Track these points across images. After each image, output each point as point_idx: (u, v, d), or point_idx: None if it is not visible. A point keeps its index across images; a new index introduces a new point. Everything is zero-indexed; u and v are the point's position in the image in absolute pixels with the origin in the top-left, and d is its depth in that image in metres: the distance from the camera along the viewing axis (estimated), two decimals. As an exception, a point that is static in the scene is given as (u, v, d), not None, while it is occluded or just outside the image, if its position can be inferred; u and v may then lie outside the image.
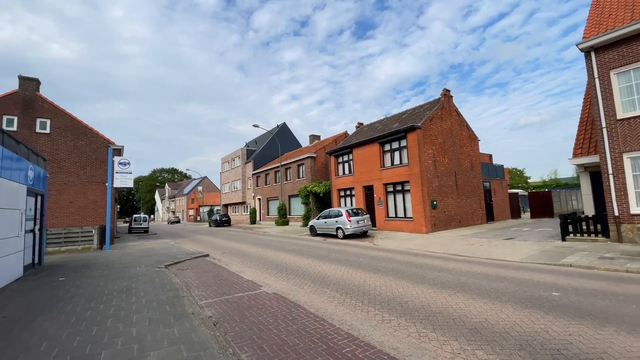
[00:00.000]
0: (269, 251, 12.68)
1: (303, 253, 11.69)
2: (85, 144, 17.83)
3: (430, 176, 16.57)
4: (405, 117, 19.62)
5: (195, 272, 8.86)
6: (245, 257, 11.59)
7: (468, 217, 18.74)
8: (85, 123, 18.03)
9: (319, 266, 8.99)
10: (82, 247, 14.55)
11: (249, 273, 8.54)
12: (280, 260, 10.39)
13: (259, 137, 45.83)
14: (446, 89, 18.88)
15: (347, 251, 11.78)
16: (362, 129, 23.95)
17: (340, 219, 15.92)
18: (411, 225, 16.53)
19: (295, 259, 10.48)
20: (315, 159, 26.26)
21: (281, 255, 11.46)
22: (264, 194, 33.87)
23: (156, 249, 14.70)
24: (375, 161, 18.84)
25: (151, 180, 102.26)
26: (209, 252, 13.03)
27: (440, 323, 4.44)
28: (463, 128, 19.96)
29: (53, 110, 17.35)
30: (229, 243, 16.71)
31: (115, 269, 9.16)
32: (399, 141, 17.56)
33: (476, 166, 20.40)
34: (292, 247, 13.45)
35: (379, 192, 18.56)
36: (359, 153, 20.19)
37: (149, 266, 9.64)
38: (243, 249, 13.96)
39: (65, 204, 16.90)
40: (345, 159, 21.94)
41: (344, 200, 21.90)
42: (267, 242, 15.94)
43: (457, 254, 10.37)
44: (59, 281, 7.57)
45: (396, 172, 17.44)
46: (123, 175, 15.75)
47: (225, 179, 44.11)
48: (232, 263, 10.42)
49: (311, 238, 17.22)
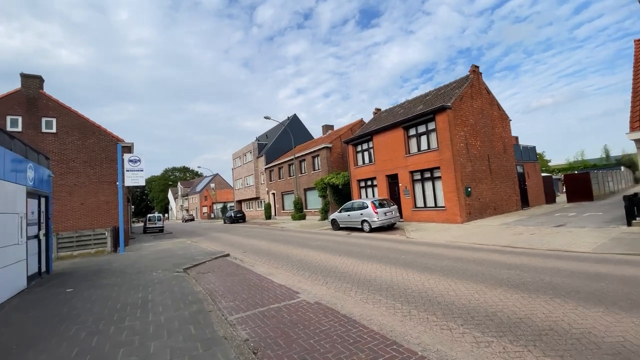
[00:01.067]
0: (293, 249, 11.60)
1: (332, 250, 10.56)
2: (94, 143, 17.01)
3: (463, 161, 15.16)
4: (430, 98, 18.14)
5: (218, 276, 7.83)
6: (269, 256, 10.54)
7: (503, 204, 17.28)
8: (92, 121, 17.20)
9: (356, 265, 7.85)
10: (95, 250, 13.78)
11: (280, 276, 7.46)
12: (310, 259, 9.29)
13: (270, 131, 44.74)
14: (475, 65, 17.29)
15: (381, 246, 10.60)
16: (381, 114, 22.53)
17: (365, 212, 14.72)
18: (443, 215, 15.20)
19: (327, 257, 9.36)
20: (331, 149, 25.00)
21: (309, 253, 10.36)
22: (278, 188, 32.87)
23: (173, 249, 13.83)
24: (400, 148, 17.48)
25: (163, 179, 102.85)
26: (229, 251, 12.05)
27: (569, 347, 3.22)
28: (494, 107, 18.36)
29: (59, 108, 16.54)
30: (248, 240, 15.74)
31: (129, 275, 8.22)
32: (426, 124, 16.14)
33: (509, 148, 18.82)
34: (318, 244, 12.35)
35: (404, 180, 17.24)
36: (380, 140, 18.85)
37: (166, 270, 8.67)
38: (264, 246, 12.94)
39: (76, 205, 16.18)
40: (364, 147, 20.62)
41: (365, 191, 20.65)
42: (289, 238, 14.89)
43: (510, 245, 9.07)
44: (66, 293, 6.64)
45: (424, 158, 16.07)
46: (134, 174, 14.85)
47: (238, 174, 43.30)
48: (256, 263, 9.38)
49: (334, 232, 16.10)
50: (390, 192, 18.44)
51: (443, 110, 15.03)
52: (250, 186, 39.25)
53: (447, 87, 18.04)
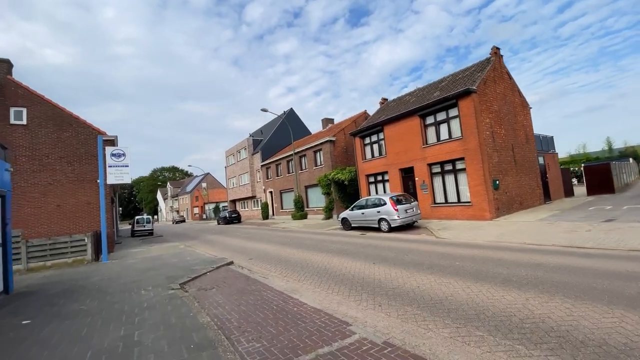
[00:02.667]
0: (309, 253, 9.89)
1: (359, 255, 8.88)
2: (72, 136, 14.93)
3: (489, 151, 13.65)
4: (446, 84, 16.60)
5: (226, 295, 6.07)
6: (282, 263, 8.80)
7: (528, 198, 15.89)
8: (69, 111, 15.10)
9: (404, 277, 6.19)
10: (73, 259, 11.79)
11: (308, 294, 5.74)
12: (336, 268, 7.59)
13: (265, 127, 42.77)
14: (496, 47, 15.80)
15: (416, 250, 8.98)
16: (389, 104, 20.93)
17: (383, 209, 13.09)
18: (469, 211, 13.68)
19: (356, 265, 7.68)
20: (335, 143, 23.30)
21: (331, 259, 8.66)
22: (276, 186, 31.03)
23: (165, 256, 11.96)
24: (415, 138, 15.90)
25: (152, 180, 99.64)
26: (232, 258, 10.27)
27: None
28: (515, 93, 16.94)
29: (29, 96, 14.40)
30: (250, 244, 13.94)
31: (110, 296, 6.39)
32: (447, 111, 14.58)
33: (530, 138, 17.45)
34: (336, 247, 10.66)
35: (421, 174, 15.68)
36: (392, 130, 17.24)
37: (157, 287, 6.87)
38: (272, 251, 11.19)
39: (51, 208, 14.11)
40: (373, 139, 18.99)
41: (375, 187, 19.04)
42: (297, 241, 13.16)
43: (575, 245, 7.55)
44: (18, 329, 4.80)
45: (445, 149, 14.52)
46: (118, 170, 12.87)
47: (232, 173, 41.23)
48: (270, 274, 7.64)
49: (347, 233, 14.44)
50: (404, 187, 16.86)
51: (467, 95, 13.49)
52: (245, 185, 37.28)
53: (465, 71, 16.52)
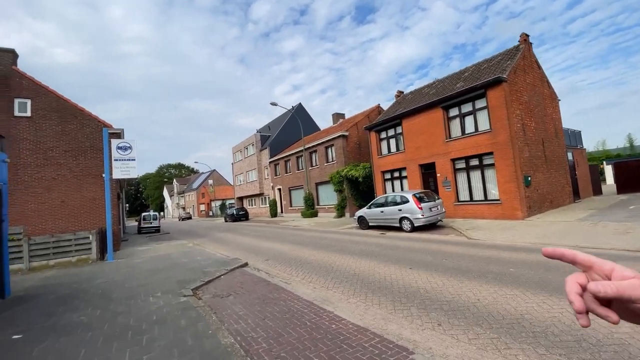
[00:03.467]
0: (329, 255, 9.06)
1: (387, 258, 8.03)
2: (76, 129, 14.27)
3: (520, 144, 12.67)
4: (469, 75, 15.58)
5: (246, 304, 5.28)
6: (303, 266, 7.99)
7: (558, 196, 14.87)
8: (74, 103, 14.43)
9: (453, 287, 5.33)
10: (77, 258, 11.14)
11: (342, 305, 4.91)
12: (368, 273, 6.75)
13: (273, 122, 41.97)
14: (525, 34, 14.74)
15: (451, 252, 8.10)
16: (405, 97, 19.95)
17: (406, 207, 12.20)
18: (497, 210, 12.73)
19: (389, 270, 6.83)
20: (348, 138, 22.40)
21: (358, 263, 7.83)
22: (285, 183, 30.25)
23: (173, 255, 11.24)
24: (437, 131, 14.95)
25: (158, 176, 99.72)
26: (245, 258, 9.49)
27: None
28: (544, 84, 15.87)
29: (34, 87, 13.76)
30: (262, 243, 13.17)
31: (114, 304, 5.63)
32: (474, 102, 13.60)
33: (560, 132, 16.38)
34: (359, 248, 9.82)
35: (444, 170, 14.74)
36: (411, 124, 16.29)
37: (167, 293, 6.10)
38: (288, 251, 10.39)
39: (56, 204, 13.49)
40: (390, 133, 18.06)
41: (391, 184, 18.14)
42: (314, 241, 12.35)
43: (638, 248, 6.62)
44: (7, 344, 4.05)
45: (471, 142, 13.55)
46: (124, 163, 12.17)
47: (239, 169, 40.55)
48: (292, 279, 6.83)
49: (364, 232, 13.59)
50: (425, 184, 15.93)
51: (497, 84, 12.49)
52: (253, 181, 36.57)
53: (490, 61, 15.48)
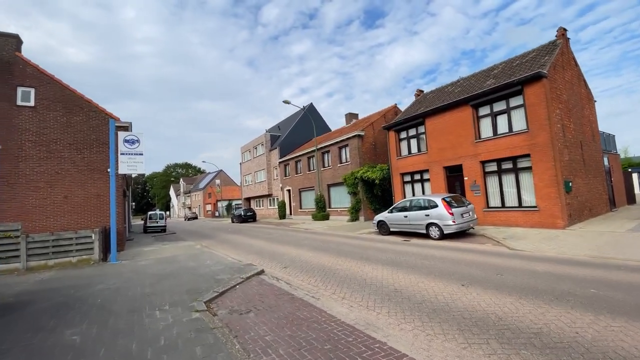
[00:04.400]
0: (356, 264, 8.07)
1: (428, 271, 7.01)
2: (82, 121, 13.53)
3: (560, 147, 11.58)
4: (498, 72, 14.53)
5: (272, 326, 4.31)
6: (329, 277, 7.01)
7: (596, 204, 13.70)
8: (80, 93, 13.70)
9: (532, 313, 4.29)
10: (77, 259, 10.30)
11: (395, 333, 3.91)
12: (413, 290, 5.74)
13: (282, 122, 41.20)
14: (563, 28, 13.67)
15: (499, 266, 7.05)
16: (427, 96, 18.94)
17: (434, 212, 11.16)
18: (534, 218, 11.62)
19: (440, 287, 5.82)
20: (363, 138, 21.42)
21: (395, 276, 6.82)
22: (295, 184, 29.34)
23: (180, 258, 10.34)
24: (465, 132, 13.90)
25: (165, 176, 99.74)
26: (260, 264, 8.55)
27: None
28: (581, 84, 14.75)
29: (38, 76, 13.06)
30: (276, 247, 12.21)
31: (114, 318, 4.71)
32: (508, 100, 12.55)
33: (596, 135, 15.23)
34: (386, 257, 8.81)
35: (472, 173, 13.67)
36: (436, 123, 15.26)
37: (176, 306, 5.17)
38: (307, 258, 9.42)
39: (58, 199, 12.71)
40: (411, 133, 17.04)
41: (411, 187, 17.09)
42: (332, 246, 11.36)
43: None
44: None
45: (505, 144, 12.48)
46: (131, 158, 11.35)
47: (247, 169, 39.79)
48: (321, 293, 5.84)
49: (386, 238, 12.56)
50: (449, 187, 14.87)
51: (537, 80, 11.44)
52: (262, 182, 35.74)
53: (523, 57, 14.40)
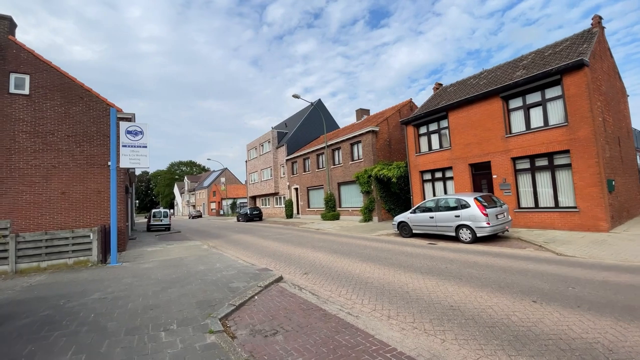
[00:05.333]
0: (388, 271, 7.10)
1: (479, 282, 6.02)
2: (81, 111, 12.63)
3: (602, 142, 10.55)
4: (528, 62, 13.47)
5: (306, 353, 3.34)
6: (360, 286, 6.03)
7: (633, 205, 12.66)
8: (80, 81, 12.80)
9: None
10: (74, 260, 9.39)
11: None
12: (470, 306, 4.76)
13: (289, 119, 40.27)
14: (598, 16, 12.62)
15: (561, 275, 6.05)
16: (447, 89, 17.90)
17: (465, 213, 10.16)
18: (574, 220, 10.58)
19: (507, 304, 4.83)
20: (377, 134, 20.41)
21: (439, 287, 5.83)
22: (303, 182, 28.39)
23: (187, 260, 9.41)
24: (494, 125, 12.88)
25: (169, 173, 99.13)
26: (276, 268, 7.60)
27: None
28: (616, 76, 13.70)
29: (34, 62, 12.17)
30: (290, 249, 11.25)
31: (109, 342, 3.77)
32: (543, 91, 11.51)
33: (630, 132, 14.17)
34: (421, 263, 7.83)
35: (502, 170, 12.65)
36: (460, 117, 14.25)
37: (186, 324, 4.22)
38: (327, 262, 8.45)
39: (55, 195, 11.82)
40: (432, 128, 16.02)
41: (432, 185, 16.08)
42: (352, 249, 10.39)
43: None
44: None
45: (539, 139, 11.45)
46: (134, 151, 10.44)
47: (253, 167, 38.87)
48: (358, 309, 4.87)
49: (409, 242, 11.59)
50: (475, 186, 13.85)
51: (578, 69, 10.40)
52: (268, 180, 34.81)
53: (557, 46, 13.32)
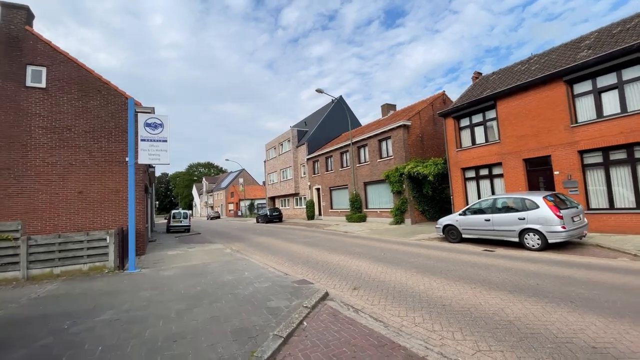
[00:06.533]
0: (463, 288, 5.69)
1: (619, 311, 4.57)
2: (100, 105, 11.84)
3: (703, 129, 8.73)
4: (592, 42, 11.68)
5: None
6: (437, 310, 4.66)
7: None
8: (97, 74, 12.03)
9: None
10: (89, 266, 8.47)
11: None
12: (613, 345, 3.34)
13: (309, 118, 39.17)
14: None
15: None
16: (489, 78, 16.19)
17: (533, 214, 8.59)
18: (666, 223, 8.82)
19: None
20: (409, 129, 18.88)
21: (561, 315, 4.42)
22: (325, 182, 27.13)
23: (212, 267, 8.30)
24: (555, 114, 11.20)
25: (188, 175, 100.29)
26: (315, 279, 6.34)
27: None
28: None
29: (51, 53, 11.47)
30: (324, 255, 9.95)
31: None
32: (619, 72, 9.74)
33: None
34: (502, 278, 6.37)
35: (566, 165, 10.95)
36: (512, 106, 12.60)
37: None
38: (377, 274, 7.11)
39: (71, 195, 11.04)
40: (476, 120, 14.38)
41: (476, 184, 14.44)
42: (401, 257, 9.01)
43: None
44: None
45: (616, 128, 9.70)
46: (153, 145, 9.47)
47: (272, 167, 37.96)
48: (457, 350, 3.54)
49: (461, 248, 10.10)
50: (530, 184, 12.17)
51: (672, 41, 8.65)
52: (288, 180, 33.77)
53: (626, 23, 11.48)
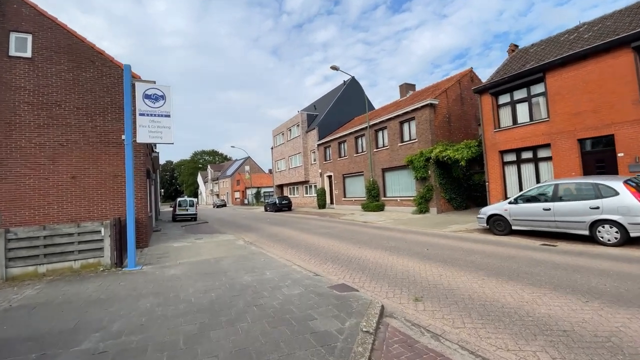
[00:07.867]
0: (555, 298, 4.26)
1: None
2: (93, 78, 10.40)
3: None
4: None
5: None
6: (538, 330, 3.23)
7: None
8: (90, 42, 10.54)
9: None
10: (81, 263, 7.19)
11: None
12: None
13: (319, 101, 37.38)
14: None
15: None
16: (528, 50, 14.37)
17: (609, 202, 7.12)
18: None
19: None
20: (436, 108, 17.18)
21: None
22: (338, 169, 25.65)
23: (226, 265, 6.98)
24: (620, 87, 9.54)
25: (193, 162, 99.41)
26: (357, 283, 4.98)
27: None
28: None
29: (38, 18, 9.99)
30: (351, 248, 8.56)
31: None
32: None
33: None
34: (602, 284, 4.97)
35: (633, 146, 9.35)
36: (565, 78, 10.90)
37: None
38: (435, 277, 5.72)
39: (63, 180, 9.74)
40: (519, 96, 12.68)
41: (516, 169, 12.88)
42: (452, 255, 7.61)
43: None
44: None
45: None
46: (154, 121, 8.07)
47: (279, 154, 36.49)
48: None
49: (512, 241, 8.67)
50: (586, 168, 10.61)
51: None
52: (297, 167, 32.34)
53: None
